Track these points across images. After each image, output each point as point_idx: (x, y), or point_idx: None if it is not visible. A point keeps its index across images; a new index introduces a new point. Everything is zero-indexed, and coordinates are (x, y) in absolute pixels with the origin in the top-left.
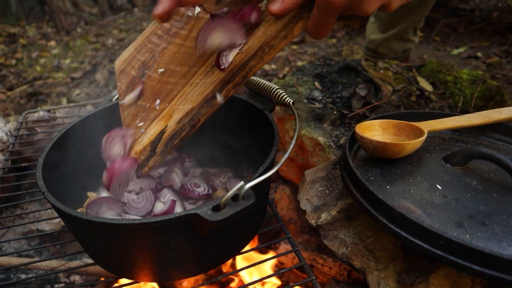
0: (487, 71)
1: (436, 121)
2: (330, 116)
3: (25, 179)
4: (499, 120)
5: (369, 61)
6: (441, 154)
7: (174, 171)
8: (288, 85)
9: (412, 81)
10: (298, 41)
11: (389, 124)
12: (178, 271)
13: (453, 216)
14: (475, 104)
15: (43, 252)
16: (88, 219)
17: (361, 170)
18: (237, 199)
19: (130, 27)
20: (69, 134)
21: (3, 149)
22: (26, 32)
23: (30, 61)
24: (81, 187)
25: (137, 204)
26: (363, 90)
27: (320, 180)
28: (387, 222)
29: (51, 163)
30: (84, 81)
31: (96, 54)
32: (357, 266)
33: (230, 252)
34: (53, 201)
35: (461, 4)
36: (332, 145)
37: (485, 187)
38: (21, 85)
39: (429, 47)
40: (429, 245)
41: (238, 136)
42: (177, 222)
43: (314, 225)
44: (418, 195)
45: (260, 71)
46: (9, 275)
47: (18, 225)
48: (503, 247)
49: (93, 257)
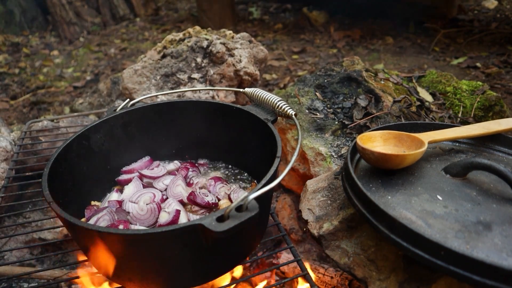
0: (486, 81)
1: (436, 132)
2: (331, 126)
3: (28, 188)
4: (499, 131)
5: (369, 72)
6: (441, 165)
7: (180, 185)
8: (289, 96)
9: (412, 91)
10: (298, 51)
11: (390, 135)
12: (182, 281)
13: (453, 227)
14: (474, 114)
15: (45, 261)
16: (93, 229)
17: (363, 180)
18: (241, 210)
19: (132, 36)
20: (74, 144)
21: (7, 158)
22: (29, 42)
23: (33, 70)
24: (85, 196)
25: (141, 216)
26: (364, 100)
27: (322, 190)
28: (388, 232)
29: (56, 173)
30: (86, 90)
31: (98, 63)
32: (359, 276)
33: (233, 261)
34: (59, 211)
35: (460, 15)
36: (333, 155)
37: (485, 198)
38: (24, 94)
39: (428, 57)
40: (430, 255)
41: (241, 147)
42: (181, 232)
43: (316, 235)
44: (419, 206)
45: (261, 80)
46: (11, 284)
47: (20, 234)
48: (503, 257)
49: (96, 266)
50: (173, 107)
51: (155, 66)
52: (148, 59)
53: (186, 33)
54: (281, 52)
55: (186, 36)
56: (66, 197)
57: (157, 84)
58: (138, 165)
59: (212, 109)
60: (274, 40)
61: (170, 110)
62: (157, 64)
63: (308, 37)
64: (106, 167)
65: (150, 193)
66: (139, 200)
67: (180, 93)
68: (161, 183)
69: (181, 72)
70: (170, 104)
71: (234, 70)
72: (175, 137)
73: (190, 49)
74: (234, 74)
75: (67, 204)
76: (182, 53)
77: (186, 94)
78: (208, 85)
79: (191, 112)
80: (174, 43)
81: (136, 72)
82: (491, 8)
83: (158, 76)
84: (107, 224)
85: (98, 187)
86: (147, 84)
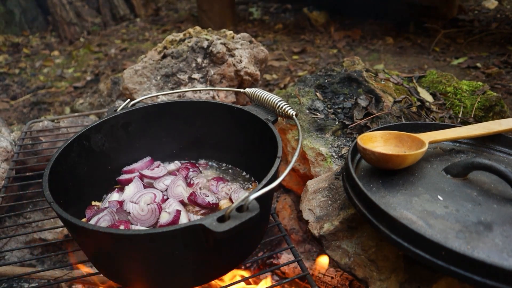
0: (487, 82)
1: (436, 132)
2: (331, 126)
3: (29, 188)
4: (499, 131)
5: (370, 72)
6: (442, 165)
7: (180, 185)
8: (290, 96)
9: (412, 91)
10: (299, 51)
11: (390, 136)
12: (182, 281)
13: (454, 227)
14: (475, 114)
15: (45, 261)
16: (94, 229)
17: (363, 180)
18: (242, 210)
19: (132, 37)
20: (75, 144)
21: (7, 158)
22: (29, 42)
23: (33, 70)
24: (86, 196)
25: (142, 216)
26: (364, 101)
27: (323, 191)
28: (389, 233)
29: (57, 173)
30: (87, 91)
31: (98, 63)
32: (359, 276)
33: (234, 262)
34: (60, 211)
35: (460, 15)
36: (334, 155)
37: (485, 198)
38: (24, 94)
39: (429, 57)
40: (431, 255)
41: (241, 147)
42: (182, 233)
43: (317, 235)
44: (420, 206)
45: (262, 81)
46: (11, 284)
47: (21, 234)
48: (504, 258)
49: (97, 266)
50: (173, 107)
51: (155, 67)
52: (148, 60)
53: (187, 34)
54: (282, 52)
55: (187, 37)
56: (67, 197)
57: (157, 85)
58: (139, 165)
59: (213, 110)
60: (275, 40)
61: (170, 110)
62: (158, 64)
63: (308, 38)
64: (107, 167)
65: (151, 193)
66: (140, 201)
67: (180, 93)
68: (162, 184)
69: (182, 72)
70: (170, 105)
71: (234, 70)
72: (176, 137)
73: (191, 50)
74: (235, 75)
75: (67, 204)
76: (182, 53)
77: (186, 95)
78: (208, 85)
79: (191, 113)
80: (175, 43)
81: (137, 72)
82: (491, 8)
83: (158, 76)
84: (108, 224)
85: (98, 187)
86: (148, 84)
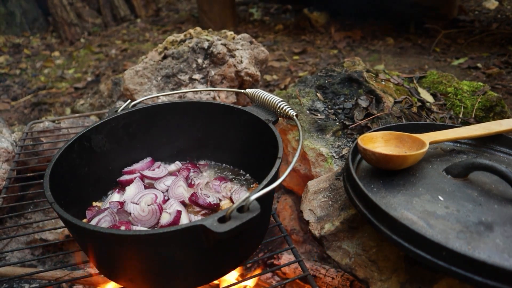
0: (487, 82)
1: (437, 132)
2: (332, 127)
3: (30, 189)
4: (500, 131)
5: (370, 72)
6: (442, 166)
7: (181, 186)
8: (290, 96)
9: (413, 92)
10: (299, 52)
11: (391, 136)
12: (183, 281)
13: (455, 227)
14: (475, 115)
15: (46, 261)
16: (96, 230)
17: (364, 181)
18: (243, 211)
19: (133, 37)
20: (75, 145)
21: (8, 159)
22: (30, 43)
23: (34, 71)
24: (87, 197)
25: (143, 217)
26: (364, 101)
27: (323, 191)
28: (389, 233)
29: (57, 173)
30: (87, 91)
31: (99, 64)
32: (360, 277)
33: (234, 262)
34: (61, 212)
35: (460, 16)
36: (334, 155)
37: (486, 198)
38: (25, 95)
39: (429, 58)
40: (432, 255)
41: (242, 148)
42: (183, 233)
43: (318, 236)
44: (420, 206)
45: (262, 81)
46: (12, 285)
47: (22, 234)
48: (505, 258)
49: (98, 267)
50: (174, 108)
51: (156, 67)
52: (149, 60)
53: (187, 34)
54: (282, 53)
55: (187, 37)
56: (68, 198)
57: (158, 85)
58: (140, 166)
59: (213, 110)
60: (275, 41)
61: (171, 111)
62: (158, 65)
63: (308, 38)
64: (108, 168)
65: (152, 194)
66: (141, 201)
67: (181, 94)
68: (163, 184)
69: (182, 73)
70: (171, 105)
71: (235, 71)
72: (176, 138)
73: (191, 50)
74: (235, 75)
75: (68, 205)
76: (183, 54)
77: (187, 95)
78: (209, 86)
79: (192, 113)
80: (175, 44)
81: (137, 73)
82: (491, 9)
83: (159, 77)
84: (109, 225)
85: (99, 187)
86: (148, 85)
